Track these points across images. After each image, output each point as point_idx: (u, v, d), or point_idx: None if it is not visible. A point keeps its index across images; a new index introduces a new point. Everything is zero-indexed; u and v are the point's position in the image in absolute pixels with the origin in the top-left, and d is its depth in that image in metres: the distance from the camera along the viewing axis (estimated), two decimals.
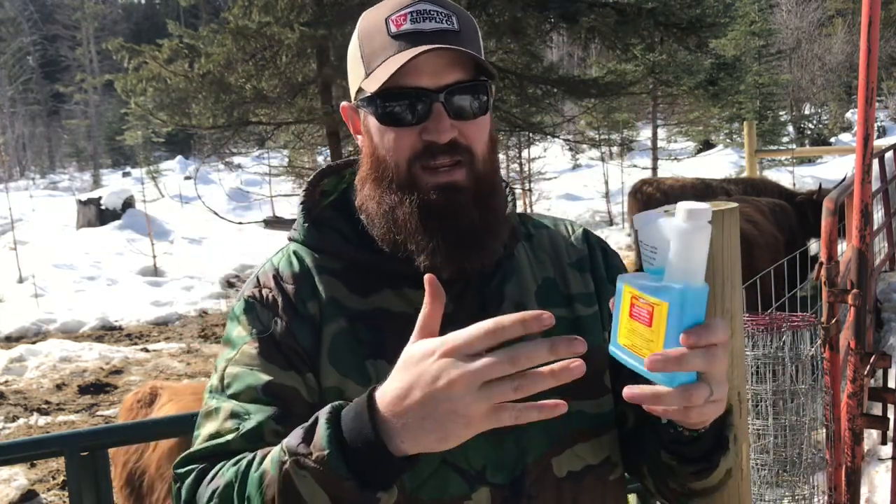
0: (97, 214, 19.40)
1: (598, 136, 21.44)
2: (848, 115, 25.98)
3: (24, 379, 8.99)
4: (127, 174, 34.59)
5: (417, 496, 1.15)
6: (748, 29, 21.62)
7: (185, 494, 1.11)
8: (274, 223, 11.65)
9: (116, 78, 9.97)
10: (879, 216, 7.49)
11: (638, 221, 0.99)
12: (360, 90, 1.20)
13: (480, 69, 1.17)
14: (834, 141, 24.51)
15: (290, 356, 1.17)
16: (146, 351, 10.17)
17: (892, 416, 3.27)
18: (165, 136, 26.73)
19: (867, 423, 3.27)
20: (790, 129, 24.70)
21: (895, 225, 8.01)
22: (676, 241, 0.93)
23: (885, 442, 3.66)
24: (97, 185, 31.80)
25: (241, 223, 13.09)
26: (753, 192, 9.50)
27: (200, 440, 1.16)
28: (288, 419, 1.10)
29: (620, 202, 17.94)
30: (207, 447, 1.13)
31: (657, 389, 0.95)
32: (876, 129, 11.57)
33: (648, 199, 9.99)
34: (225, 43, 9.17)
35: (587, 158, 25.78)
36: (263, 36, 9.05)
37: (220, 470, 1.09)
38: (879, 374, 3.33)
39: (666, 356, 0.94)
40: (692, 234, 0.92)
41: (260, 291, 1.22)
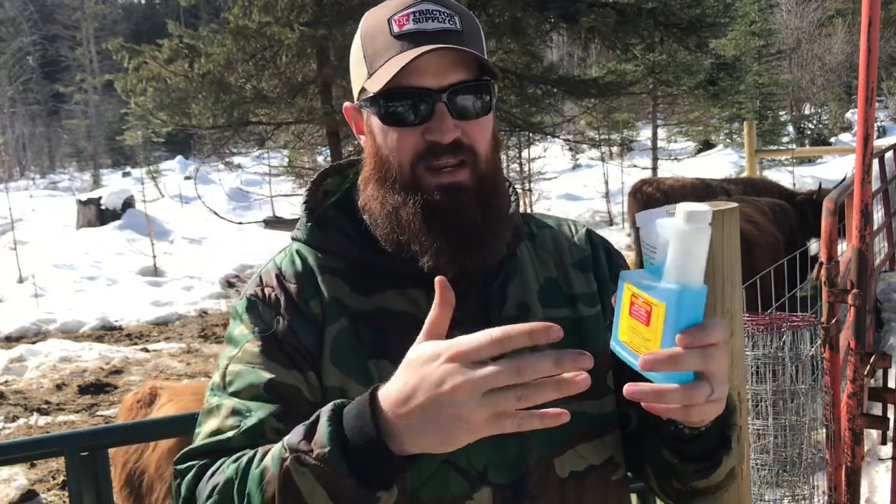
0: (97, 214, 19.39)
1: (598, 136, 21.44)
2: (848, 115, 25.98)
3: (24, 379, 8.99)
4: (127, 174, 34.58)
5: (419, 496, 1.15)
6: (748, 29, 21.62)
7: (184, 491, 1.11)
8: (274, 223, 11.66)
9: (116, 78, 9.97)
10: (879, 216, 7.49)
11: (640, 219, 0.99)
12: (362, 90, 1.20)
13: (483, 69, 1.17)
14: (834, 141, 24.51)
15: (292, 355, 1.17)
16: (146, 351, 10.17)
17: (892, 416, 3.27)
18: (165, 136, 26.71)
19: (867, 423, 3.27)
20: (790, 129, 24.70)
21: (895, 225, 8.01)
22: (675, 242, 0.93)
23: (885, 442, 3.66)
24: (97, 185, 31.79)
25: (241, 223, 13.09)
26: (753, 192, 9.50)
27: (201, 437, 1.15)
28: (289, 417, 1.10)
29: (620, 202, 17.93)
30: (208, 444, 1.13)
31: (658, 387, 0.95)
32: (876, 129, 11.56)
33: (648, 199, 9.99)
34: (225, 43, 9.18)
35: (587, 158, 25.77)
36: (263, 36, 9.05)
37: (220, 466, 1.08)
38: (879, 374, 3.33)
39: (658, 357, 0.93)
40: (691, 235, 0.92)
41: (262, 290, 1.22)
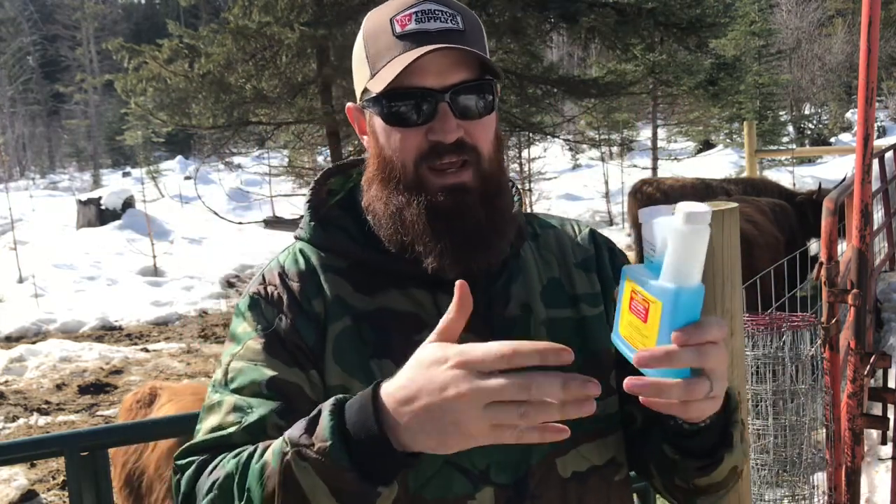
0: (97, 214, 19.38)
1: (598, 136, 21.44)
2: (848, 115, 25.97)
3: (24, 379, 8.99)
4: (127, 174, 34.58)
5: (421, 495, 1.15)
6: (748, 29, 21.61)
7: (184, 486, 1.11)
8: (274, 223, 11.65)
9: (116, 78, 9.98)
10: (879, 216, 7.49)
11: (642, 216, 1.00)
12: (365, 91, 1.20)
13: (486, 68, 1.17)
14: (834, 141, 24.50)
15: (294, 353, 1.17)
16: (146, 351, 10.16)
17: (892, 416, 3.27)
18: (165, 136, 26.71)
19: (867, 423, 3.27)
20: (790, 129, 24.69)
21: (895, 225, 8.01)
22: (674, 241, 0.93)
23: (885, 442, 3.66)
24: (97, 185, 31.79)
25: (241, 223, 13.09)
26: (753, 192, 9.49)
27: (202, 433, 1.15)
28: (291, 414, 1.09)
29: (620, 202, 17.93)
30: (209, 439, 1.13)
31: (658, 381, 0.95)
32: (876, 129, 11.56)
33: (648, 199, 9.99)
34: (225, 43, 9.18)
35: (587, 158, 25.77)
36: (263, 36, 9.05)
37: (220, 462, 1.08)
38: (879, 374, 3.33)
39: (654, 354, 0.94)
40: (690, 236, 0.92)
41: (265, 288, 1.22)
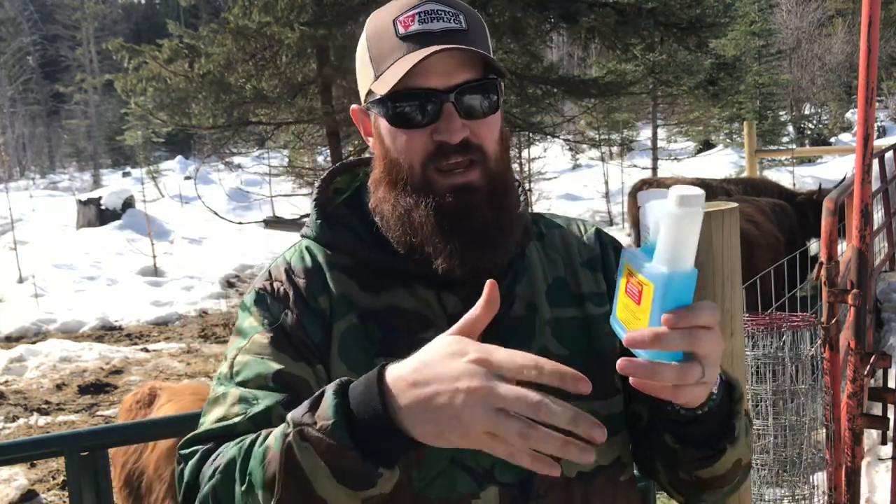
0: (97, 214, 19.38)
1: (598, 136, 21.42)
2: (848, 115, 25.96)
3: (24, 379, 8.98)
4: (127, 174, 34.57)
5: (425, 495, 1.14)
6: (748, 29, 21.60)
7: (187, 475, 1.10)
8: (274, 223, 11.65)
9: (116, 78, 9.98)
10: (879, 216, 7.50)
11: (641, 199, 1.00)
12: (369, 93, 1.20)
13: (490, 68, 1.17)
14: (834, 141, 24.49)
15: (300, 348, 1.17)
16: (146, 351, 10.16)
17: (892, 416, 3.27)
18: (165, 136, 26.70)
19: (867, 423, 3.26)
20: (790, 129, 24.68)
21: (895, 225, 8.01)
22: (666, 224, 0.93)
23: (885, 442, 3.66)
24: (97, 185, 31.78)
25: (241, 223, 13.08)
26: (753, 192, 9.49)
27: (206, 424, 1.15)
28: (296, 406, 1.10)
29: (620, 202, 17.93)
30: (213, 429, 1.13)
31: (650, 363, 0.94)
32: (876, 129, 11.56)
33: None
34: (225, 43, 9.18)
35: (587, 158, 25.76)
36: (263, 36, 9.05)
37: (223, 449, 1.08)
38: (879, 374, 3.32)
39: (643, 335, 0.93)
40: (682, 219, 0.92)
41: (271, 284, 1.23)
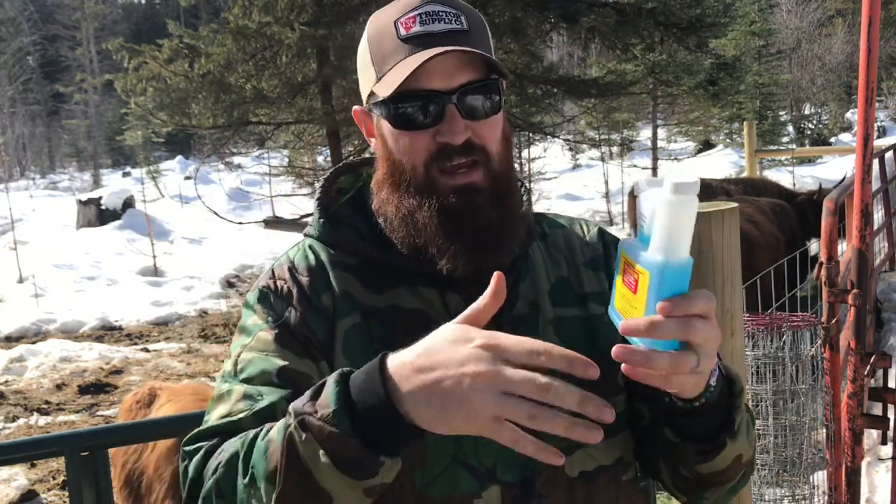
0: (97, 214, 19.38)
1: (598, 136, 21.43)
2: (848, 115, 25.96)
3: (24, 379, 8.99)
4: (127, 174, 34.57)
5: (428, 493, 1.14)
6: (748, 29, 21.60)
7: (192, 472, 1.10)
8: (274, 223, 11.63)
9: (116, 78, 9.98)
10: (879, 216, 7.50)
11: (637, 188, 1.00)
12: (371, 94, 1.21)
13: (491, 67, 1.17)
14: (834, 141, 24.49)
15: (304, 344, 1.18)
16: (146, 351, 10.16)
17: (892, 416, 3.27)
18: (165, 136, 26.69)
19: (867, 423, 3.26)
20: (790, 129, 24.67)
21: (895, 225, 8.01)
22: (662, 212, 0.93)
23: (885, 442, 3.66)
24: (97, 185, 31.79)
25: (241, 223, 13.08)
26: (753, 192, 9.48)
27: (211, 421, 1.15)
28: None
29: (620, 202, 17.93)
30: (218, 425, 1.13)
31: (645, 350, 0.94)
32: (876, 129, 11.56)
33: None
34: (225, 43, 9.18)
35: (587, 158, 25.77)
36: (263, 36, 9.05)
37: (227, 445, 1.08)
38: (879, 374, 3.32)
39: (638, 323, 0.93)
40: (677, 206, 0.92)
41: (275, 283, 1.23)
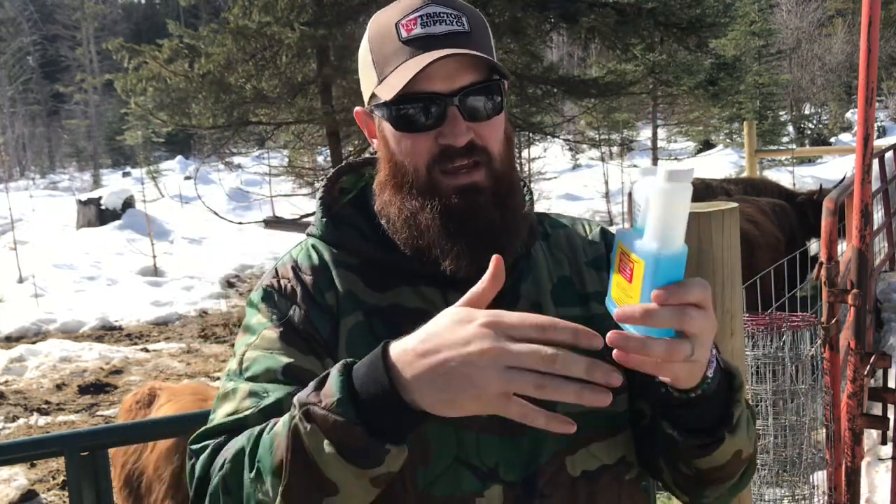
0: (97, 214, 19.37)
1: (598, 136, 21.43)
2: (848, 115, 25.96)
3: (24, 379, 8.98)
4: (127, 174, 34.57)
5: (430, 492, 1.14)
6: (748, 29, 21.61)
7: (199, 470, 1.10)
8: (274, 223, 11.64)
9: (116, 78, 9.99)
10: (879, 216, 7.50)
11: (634, 176, 1.00)
12: (373, 96, 1.21)
13: (493, 68, 1.17)
14: (834, 141, 24.49)
15: (309, 342, 1.18)
16: (146, 351, 10.16)
17: (892, 416, 3.27)
18: (165, 136, 26.72)
19: (867, 423, 3.26)
20: (790, 129, 24.68)
21: (895, 225, 8.01)
22: (656, 200, 0.93)
23: (885, 442, 3.66)
24: (97, 185, 31.79)
25: (241, 223, 13.09)
26: (753, 192, 9.47)
27: (217, 419, 1.14)
28: None
29: (620, 202, 17.94)
30: (224, 423, 1.13)
31: (638, 336, 0.94)
32: (876, 129, 11.56)
33: None
34: (225, 43, 9.19)
35: (587, 158, 25.77)
36: (263, 36, 9.06)
37: (233, 442, 1.08)
38: (879, 374, 3.32)
39: (634, 310, 0.93)
40: (671, 194, 0.92)
41: (278, 282, 1.24)
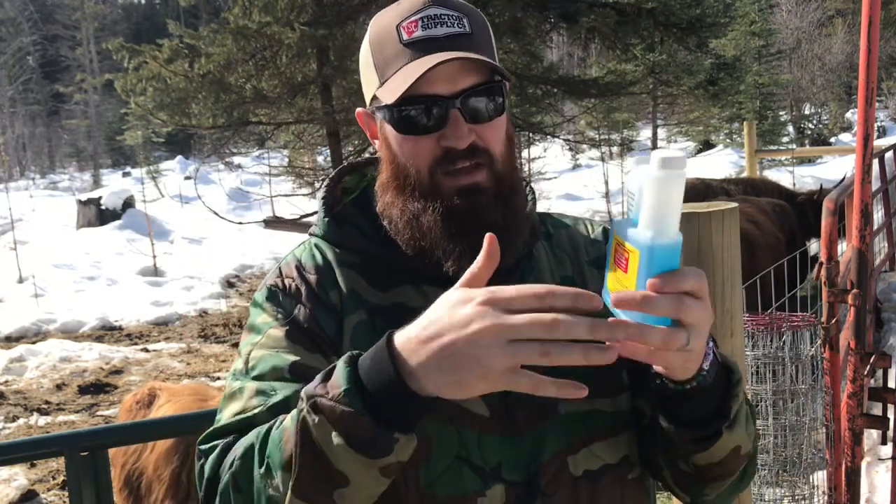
0: (97, 214, 19.37)
1: (598, 136, 21.42)
2: (848, 115, 25.96)
3: (24, 379, 8.99)
4: (127, 174, 34.58)
5: (432, 492, 1.14)
6: (748, 29, 21.61)
7: (208, 471, 1.10)
8: (274, 223, 11.63)
9: (116, 78, 9.99)
10: (879, 216, 7.49)
11: (629, 164, 1.00)
12: (374, 98, 1.21)
13: (494, 70, 1.17)
14: (834, 141, 24.49)
15: (315, 339, 1.18)
16: (146, 351, 10.16)
17: (892, 416, 3.27)
18: (165, 136, 26.74)
19: (867, 423, 3.26)
20: (790, 129, 24.68)
21: (895, 225, 8.01)
22: (649, 188, 0.92)
23: (885, 442, 3.66)
24: (97, 185, 31.79)
25: (241, 223, 13.08)
26: (753, 192, 9.47)
27: (224, 419, 1.14)
28: None
29: (620, 202, 17.94)
30: (232, 422, 1.13)
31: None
32: (876, 129, 11.56)
33: None
34: (225, 43, 9.18)
35: (587, 158, 25.76)
36: (263, 36, 9.05)
37: (242, 440, 1.08)
38: (879, 374, 3.32)
39: (630, 295, 0.93)
40: (664, 181, 0.91)
41: (283, 281, 1.24)
